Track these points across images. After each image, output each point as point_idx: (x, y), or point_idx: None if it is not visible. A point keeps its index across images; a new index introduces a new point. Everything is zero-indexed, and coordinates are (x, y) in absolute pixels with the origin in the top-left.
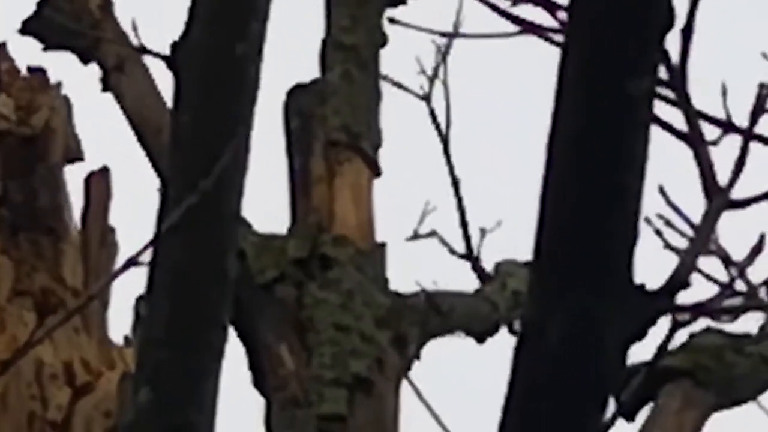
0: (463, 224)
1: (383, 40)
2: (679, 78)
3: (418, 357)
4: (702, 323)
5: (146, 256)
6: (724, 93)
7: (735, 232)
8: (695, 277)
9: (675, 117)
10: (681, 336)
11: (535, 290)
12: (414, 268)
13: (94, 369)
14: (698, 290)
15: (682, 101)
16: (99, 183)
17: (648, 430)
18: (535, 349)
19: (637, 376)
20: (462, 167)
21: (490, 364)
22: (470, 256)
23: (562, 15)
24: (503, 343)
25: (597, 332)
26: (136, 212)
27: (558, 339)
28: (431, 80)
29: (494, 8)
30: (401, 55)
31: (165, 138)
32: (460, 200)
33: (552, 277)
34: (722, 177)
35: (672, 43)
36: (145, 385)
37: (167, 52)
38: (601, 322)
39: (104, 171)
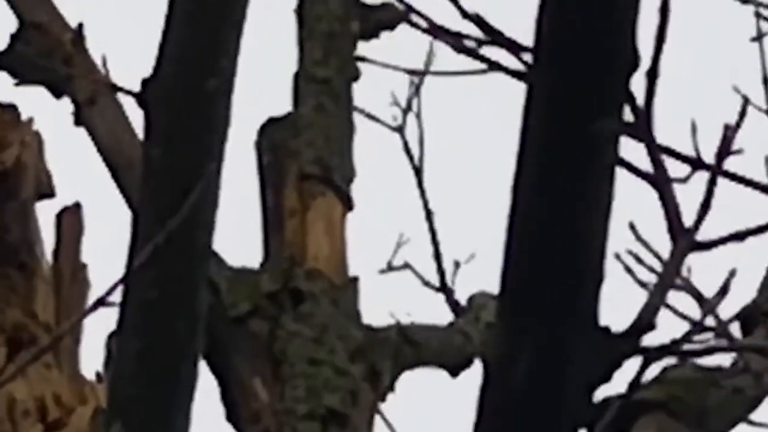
0: (437, 256)
1: (356, 73)
2: (644, 120)
3: (392, 389)
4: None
5: (117, 295)
6: (694, 131)
7: (706, 265)
8: (666, 313)
9: (641, 156)
10: (655, 369)
11: (501, 329)
12: (388, 301)
13: (66, 404)
14: (669, 325)
15: (648, 143)
16: (71, 219)
17: None
18: (500, 386)
19: (610, 409)
20: (436, 199)
21: (463, 397)
22: (444, 289)
23: (527, 56)
24: (477, 376)
25: (561, 373)
26: (108, 247)
27: (522, 378)
28: (405, 112)
29: (461, 50)
30: (374, 87)
31: (137, 172)
32: (433, 232)
33: (517, 318)
34: (692, 215)
35: (637, 84)
36: (116, 421)
37: (138, 86)
38: (566, 364)
39: (76, 207)
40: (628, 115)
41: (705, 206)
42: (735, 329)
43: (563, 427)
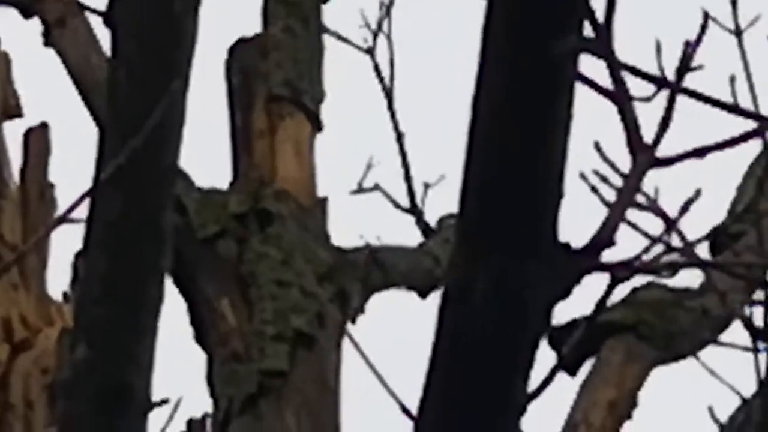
0: (407, 178)
1: None
2: (604, 36)
3: (361, 311)
4: (644, 277)
5: (81, 212)
6: (658, 50)
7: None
8: (633, 235)
9: (603, 73)
10: (623, 290)
11: (460, 249)
12: (358, 222)
13: (32, 325)
14: (637, 248)
15: (608, 59)
16: (38, 139)
17: (590, 384)
18: (460, 308)
19: (577, 330)
20: (406, 121)
21: (433, 319)
22: (414, 210)
23: None
24: None
25: (520, 292)
26: (76, 168)
27: (482, 298)
28: (375, 34)
29: None
30: (345, 9)
31: (106, 92)
32: (403, 154)
33: (476, 237)
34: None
35: (598, 1)
36: (82, 342)
37: (105, 6)
38: (525, 282)
39: (43, 127)
40: (588, 32)
41: (665, 122)
42: (703, 252)
43: (523, 343)
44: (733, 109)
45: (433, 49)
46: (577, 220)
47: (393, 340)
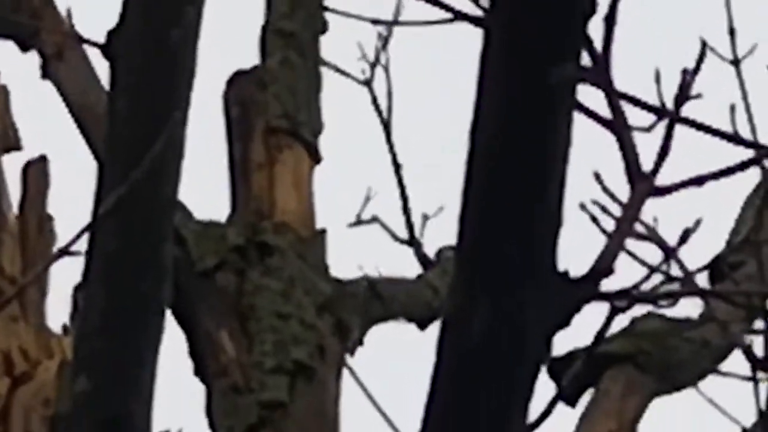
0: (405, 210)
1: (324, 27)
2: (602, 65)
3: (360, 343)
4: (643, 307)
5: (81, 245)
6: (658, 79)
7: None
8: (634, 265)
9: (601, 102)
10: (622, 321)
11: (458, 280)
12: (356, 254)
13: (32, 358)
14: (636, 275)
15: (606, 88)
16: (37, 172)
17: (590, 416)
18: (458, 339)
19: (577, 361)
20: (404, 152)
21: (432, 350)
22: (412, 242)
23: (485, 2)
24: None
25: (519, 321)
26: (75, 201)
27: (480, 329)
28: (373, 66)
29: None
30: (342, 41)
31: (104, 125)
32: (402, 186)
33: (474, 267)
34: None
35: (596, 30)
36: (82, 374)
37: (103, 38)
38: (524, 311)
39: (42, 160)
40: (586, 61)
41: (663, 151)
42: (703, 281)
43: (522, 373)
44: (732, 138)
45: (431, 80)
46: (576, 250)
47: (392, 372)
